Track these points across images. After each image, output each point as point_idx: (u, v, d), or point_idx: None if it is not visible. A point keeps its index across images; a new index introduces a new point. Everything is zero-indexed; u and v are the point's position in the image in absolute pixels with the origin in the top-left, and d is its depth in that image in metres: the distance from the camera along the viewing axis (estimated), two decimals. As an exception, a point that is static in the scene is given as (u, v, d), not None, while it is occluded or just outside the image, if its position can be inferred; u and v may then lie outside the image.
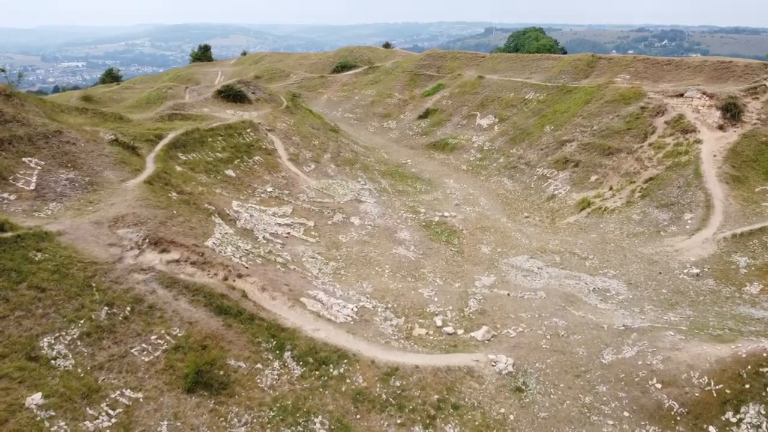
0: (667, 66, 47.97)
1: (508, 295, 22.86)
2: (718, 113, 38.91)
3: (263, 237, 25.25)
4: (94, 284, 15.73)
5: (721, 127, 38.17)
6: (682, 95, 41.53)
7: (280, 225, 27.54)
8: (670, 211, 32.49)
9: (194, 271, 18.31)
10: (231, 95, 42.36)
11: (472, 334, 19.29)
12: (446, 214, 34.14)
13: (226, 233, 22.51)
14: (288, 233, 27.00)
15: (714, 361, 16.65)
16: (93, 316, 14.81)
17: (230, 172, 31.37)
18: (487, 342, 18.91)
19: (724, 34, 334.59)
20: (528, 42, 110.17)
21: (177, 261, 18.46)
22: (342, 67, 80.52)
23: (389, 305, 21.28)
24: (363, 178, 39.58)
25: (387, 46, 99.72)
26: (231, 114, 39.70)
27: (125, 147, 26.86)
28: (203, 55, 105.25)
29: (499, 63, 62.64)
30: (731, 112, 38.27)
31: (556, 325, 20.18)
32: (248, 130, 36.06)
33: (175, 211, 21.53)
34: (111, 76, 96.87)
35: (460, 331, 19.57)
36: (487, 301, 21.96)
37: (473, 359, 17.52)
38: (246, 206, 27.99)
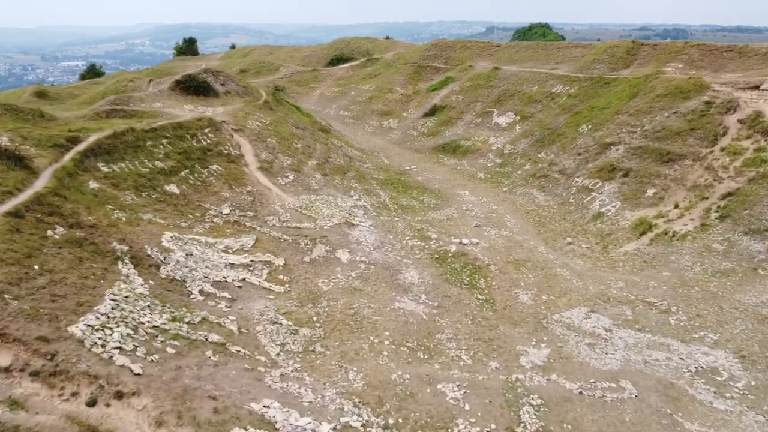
0: (728, 53, 39.54)
1: (581, 393, 14.44)
2: (808, 109, 30.56)
3: (200, 290, 16.87)
4: None
5: (812, 127, 29.80)
6: (757, 87, 33.04)
7: (233, 266, 19.16)
8: (766, 240, 24.13)
9: (35, 389, 9.95)
10: (193, 87, 33.97)
11: (538, 494, 10.87)
12: (465, 240, 25.77)
13: (127, 296, 14.08)
14: (243, 279, 18.62)
15: None
16: None
17: (173, 188, 23.00)
18: None
19: (727, 33, 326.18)
20: (534, 38, 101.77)
21: (6, 371, 10.11)
22: (337, 60, 72.25)
23: (391, 420, 12.87)
24: (357, 190, 31.24)
25: (388, 38, 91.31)
26: (190, 110, 31.38)
27: (7, 157, 18.47)
28: (188, 48, 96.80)
29: (517, 53, 54.21)
30: (826, 107, 29.92)
31: (677, 468, 11.79)
32: (206, 131, 27.70)
33: (37, 266, 13.11)
34: (93, 73, 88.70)
35: (514, 485, 11.16)
36: (550, 410, 13.54)
37: None
38: (185, 239, 19.61)
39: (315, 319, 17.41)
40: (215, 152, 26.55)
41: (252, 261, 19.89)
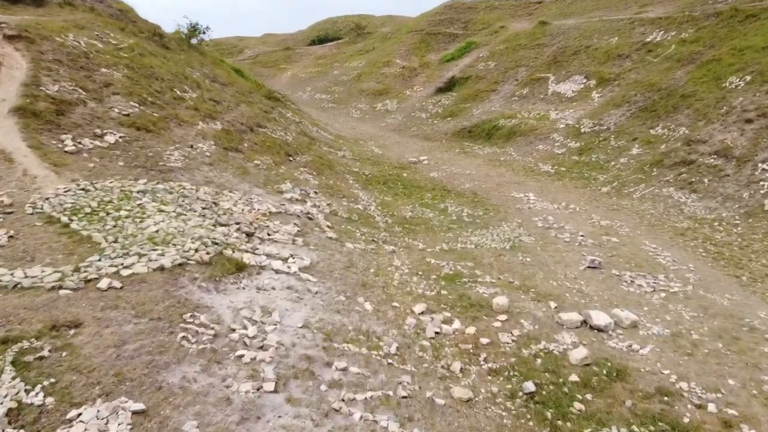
0: None
1: None
2: None
3: None
4: None
5: None
6: None
7: None
8: None
9: None
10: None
11: None
12: (599, 319, 8.25)
13: None
14: None
15: None
16: None
17: None
18: None
19: None
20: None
21: None
22: (320, 41, 56.14)
23: None
24: (307, 184, 14.14)
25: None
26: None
27: None
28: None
29: (571, 5, 37.69)
30: None
31: None
32: None
33: None
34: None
35: None
36: None
37: None
38: None
39: None
40: None
41: None
